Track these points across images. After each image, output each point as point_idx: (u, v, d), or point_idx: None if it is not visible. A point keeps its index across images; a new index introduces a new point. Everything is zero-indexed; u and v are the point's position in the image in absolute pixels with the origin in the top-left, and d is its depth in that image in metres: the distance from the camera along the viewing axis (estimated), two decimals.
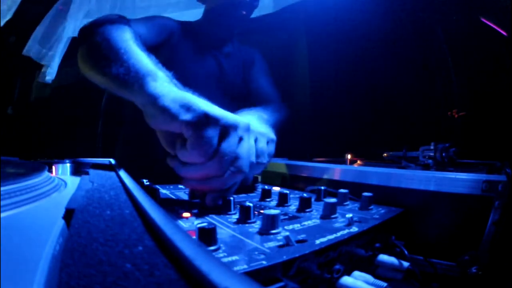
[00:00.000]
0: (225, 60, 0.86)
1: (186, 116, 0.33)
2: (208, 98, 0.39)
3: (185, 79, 0.87)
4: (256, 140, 0.48)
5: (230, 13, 0.79)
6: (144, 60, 0.40)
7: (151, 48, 0.73)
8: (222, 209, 0.34)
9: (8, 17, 1.08)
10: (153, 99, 0.34)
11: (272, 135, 0.52)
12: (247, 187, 0.49)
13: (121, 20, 0.56)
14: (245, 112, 0.56)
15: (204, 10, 0.87)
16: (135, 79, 0.38)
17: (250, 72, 0.92)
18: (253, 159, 0.46)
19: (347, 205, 0.39)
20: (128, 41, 0.46)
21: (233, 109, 0.81)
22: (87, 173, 0.38)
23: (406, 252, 0.31)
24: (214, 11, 0.82)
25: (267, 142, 0.50)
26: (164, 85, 0.36)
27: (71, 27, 1.23)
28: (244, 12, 0.78)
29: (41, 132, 1.49)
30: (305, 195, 0.37)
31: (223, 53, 0.86)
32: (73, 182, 0.33)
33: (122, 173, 0.36)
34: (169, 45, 0.77)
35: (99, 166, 0.45)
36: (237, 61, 0.89)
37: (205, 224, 0.22)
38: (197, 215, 0.32)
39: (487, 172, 0.51)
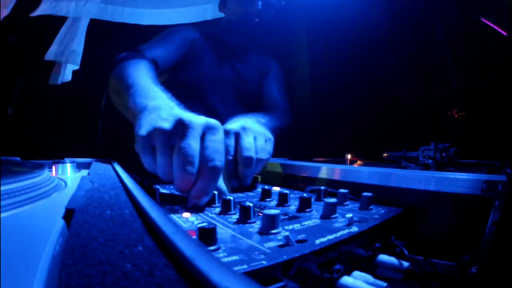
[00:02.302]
0: (243, 67, 0.89)
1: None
2: (226, 104, 0.44)
3: (205, 86, 0.90)
4: (255, 139, 0.49)
5: (244, 21, 0.83)
6: (143, 96, 0.46)
7: (173, 64, 0.79)
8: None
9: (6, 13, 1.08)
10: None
11: (269, 135, 0.54)
12: (247, 187, 0.50)
13: (137, 54, 0.66)
14: (244, 116, 0.58)
15: (224, 19, 0.91)
16: (134, 111, 0.43)
17: (265, 80, 0.95)
18: (253, 154, 0.47)
19: (347, 205, 0.39)
20: (135, 77, 0.53)
21: (247, 111, 0.82)
22: (87, 173, 0.38)
23: (406, 252, 0.31)
24: (231, 20, 0.86)
25: (265, 141, 0.52)
26: (148, 117, 0.39)
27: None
28: (257, 20, 0.82)
29: (41, 132, 1.49)
30: (305, 195, 0.37)
31: (241, 60, 0.90)
32: (73, 182, 0.33)
33: (122, 173, 0.36)
34: (190, 54, 0.82)
35: (99, 165, 0.45)
36: (255, 68, 0.93)
37: (205, 224, 0.22)
38: (197, 215, 0.32)
39: (487, 172, 0.51)
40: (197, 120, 0.35)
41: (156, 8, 1.31)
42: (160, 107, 0.40)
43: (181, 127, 0.34)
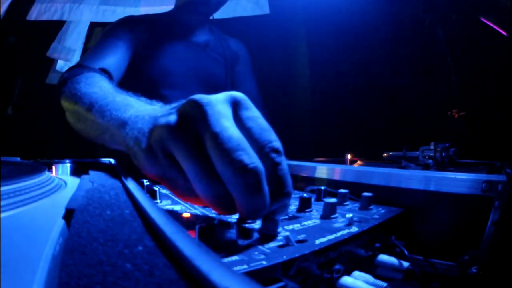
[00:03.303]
0: (203, 52, 0.80)
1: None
2: (187, 93, 0.30)
3: (162, 77, 0.79)
4: None
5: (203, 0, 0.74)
6: (113, 109, 0.35)
7: (126, 67, 0.69)
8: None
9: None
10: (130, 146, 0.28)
11: None
12: None
13: (83, 69, 0.56)
14: None
15: None
16: (109, 132, 0.34)
17: (235, 70, 0.86)
18: None
19: (347, 205, 0.39)
20: (92, 92, 0.44)
21: None
22: (87, 173, 0.38)
23: (406, 252, 0.31)
24: None
25: None
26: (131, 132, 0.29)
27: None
28: None
29: (41, 132, 1.49)
30: (305, 195, 0.37)
31: (200, 44, 0.80)
32: (73, 182, 0.33)
33: (122, 173, 0.36)
34: (141, 48, 0.72)
35: (99, 166, 0.45)
36: (217, 51, 0.83)
37: (205, 224, 0.22)
38: (197, 215, 0.32)
39: (487, 172, 0.51)
40: (215, 96, 0.24)
41: (149, 6, 1.31)
42: (144, 112, 0.29)
43: (197, 109, 0.22)
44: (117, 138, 0.32)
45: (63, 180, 0.34)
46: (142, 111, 0.30)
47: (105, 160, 0.52)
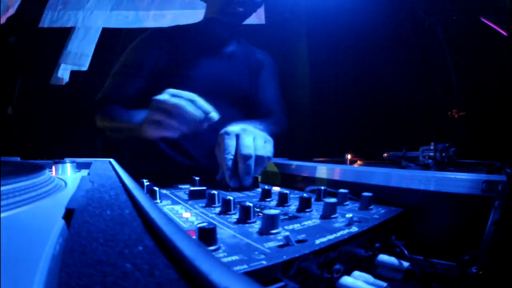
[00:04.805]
0: (228, 61, 0.83)
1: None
2: (210, 100, 0.50)
3: (186, 84, 0.83)
4: (254, 139, 0.51)
5: (227, 11, 0.77)
6: (131, 120, 0.61)
7: (146, 83, 0.78)
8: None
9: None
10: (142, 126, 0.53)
11: (268, 137, 0.55)
12: (247, 187, 0.50)
13: (103, 105, 0.74)
14: (241, 122, 0.57)
15: (205, 10, 0.85)
16: (125, 129, 0.63)
17: (258, 78, 0.88)
18: (252, 152, 0.50)
19: (347, 205, 0.39)
20: (112, 115, 0.70)
21: (235, 111, 0.80)
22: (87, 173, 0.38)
23: (406, 252, 0.31)
24: (213, 10, 0.80)
25: (265, 142, 0.53)
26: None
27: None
28: (241, 9, 0.76)
29: (41, 132, 1.49)
30: (305, 195, 0.37)
31: (226, 53, 0.83)
32: (73, 182, 0.33)
33: (122, 173, 0.36)
34: (170, 58, 0.77)
35: (99, 165, 0.45)
36: (242, 62, 0.86)
37: (205, 224, 0.22)
38: (197, 215, 0.32)
39: (487, 172, 0.51)
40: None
41: (160, 10, 1.31)
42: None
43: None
44: (134, 130, 0.56)
45: (63, 180, 0.34)
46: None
47: (105, 160, 0.52)
